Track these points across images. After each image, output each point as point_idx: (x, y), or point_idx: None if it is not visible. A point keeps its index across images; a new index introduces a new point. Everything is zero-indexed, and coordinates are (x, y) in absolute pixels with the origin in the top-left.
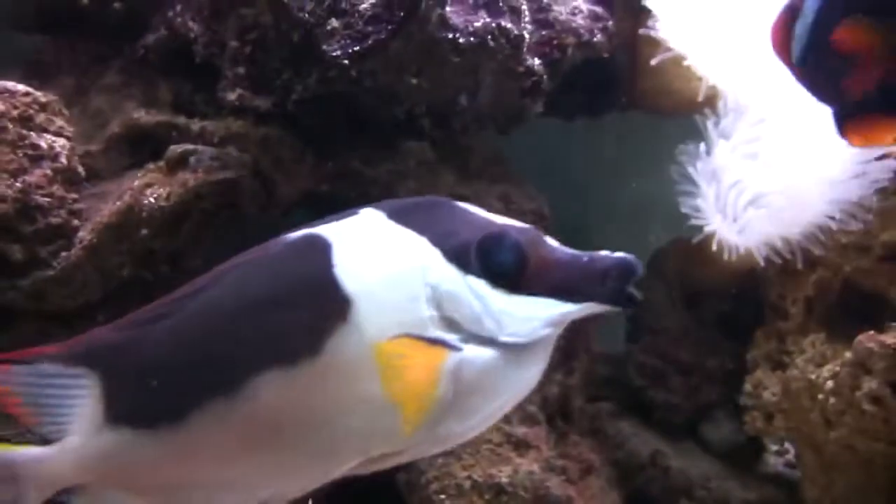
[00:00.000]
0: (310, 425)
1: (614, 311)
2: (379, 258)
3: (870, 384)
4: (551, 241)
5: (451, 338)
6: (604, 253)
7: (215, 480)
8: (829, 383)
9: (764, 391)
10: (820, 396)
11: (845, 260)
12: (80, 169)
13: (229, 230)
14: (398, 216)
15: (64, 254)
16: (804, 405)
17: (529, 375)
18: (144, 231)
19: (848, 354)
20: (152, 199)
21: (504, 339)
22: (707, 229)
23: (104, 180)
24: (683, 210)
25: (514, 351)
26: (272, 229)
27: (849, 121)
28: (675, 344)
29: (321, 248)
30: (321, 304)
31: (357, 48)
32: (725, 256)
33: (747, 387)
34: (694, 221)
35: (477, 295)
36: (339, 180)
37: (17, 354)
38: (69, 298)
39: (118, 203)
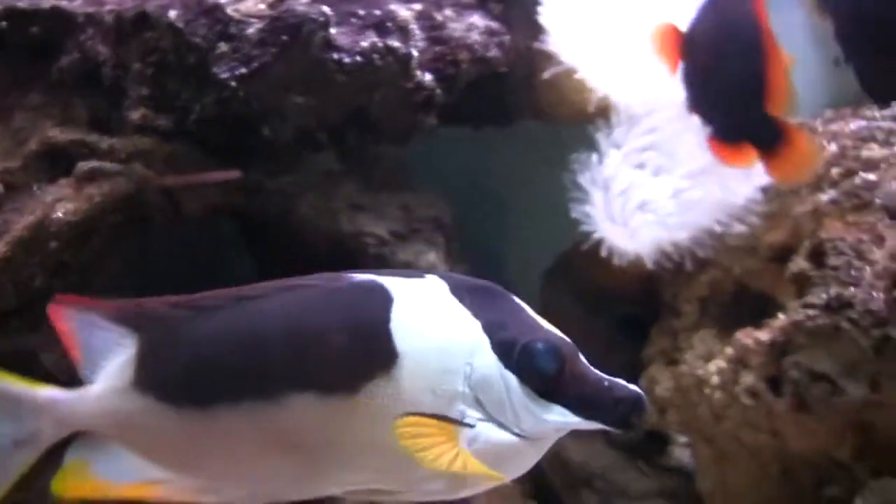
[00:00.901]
0: (324, 450)
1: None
2: (433, 327)
3: (747, 379)
4: (582, 359)
5: (474, 415)
6: (622, 382)
7: (217, 470)
8: (715, 378)
9: (657, 386)
10: (707, 391)
11: (735, 261)
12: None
13: (141, 243)
14: (459, 293)
15: None
16: (693, 400)
17: (525, 464)
18: (54, 244)
19: (729, 350)
20: (60, 214)
21: (517, 431)
22: (596, 235)
23: (23, 195)
24: (574, 216)
25: (520, 442)
26: (183, 243)
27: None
28: (578, 342)
29: (383, 299)
30: (371, 350)
31: (243, 70)
32: (615, 261)
33: (642, 382)
34: (584, 228)
35: (507, 388)
36: (243, 194)
37: (75, 300)
38: None
39: (30, 218)
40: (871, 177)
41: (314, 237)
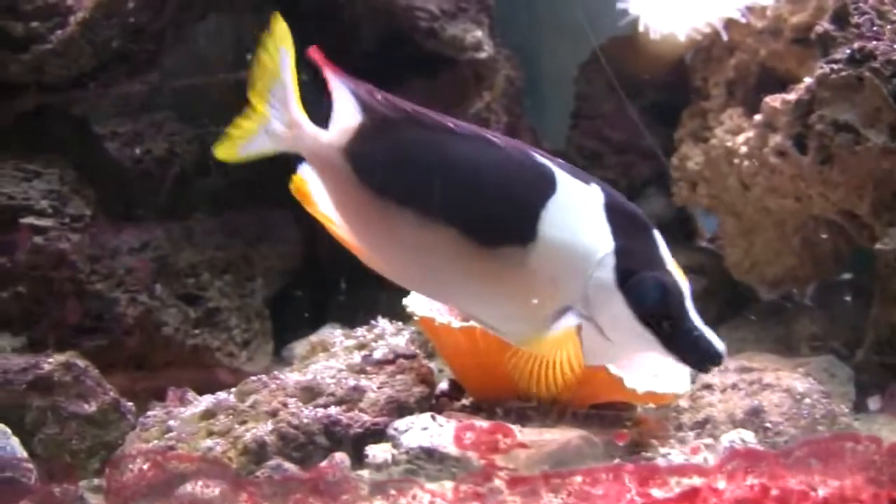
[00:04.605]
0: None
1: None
2: (575, 230)
3: (775, 140)
4: (688, 302)
5: (581, 311)
6: (710, 336)
7: (373, 245)
8: (743, 148)
9: (688, 162)
10: (735, 161)
11: (760, 44)
12: None
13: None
14: (610, 210)
15: (60, 32)
16: (723, 171)
17: (602, 363)
18: (131, 5)
19: (758, 117)
20: None
21: (609, 338)
22: (632, 13)
23: None
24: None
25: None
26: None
27: None
28: (611, 127)
29: (546, 187)
30: (514, 222)
31: None
32: (651, 37)
33: (674, 161)
34: (620, 5)
35: (614, 305)
36: None
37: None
38: (65, 69)
39: None
40: None
41: (365, 8)
